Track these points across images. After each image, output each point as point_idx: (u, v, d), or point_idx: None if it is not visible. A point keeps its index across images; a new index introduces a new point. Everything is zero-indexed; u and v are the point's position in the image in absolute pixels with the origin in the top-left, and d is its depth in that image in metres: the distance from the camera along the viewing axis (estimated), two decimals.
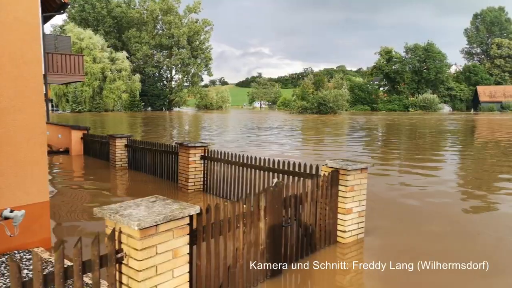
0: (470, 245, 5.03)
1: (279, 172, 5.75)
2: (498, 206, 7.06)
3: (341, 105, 59.84)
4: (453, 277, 3.98)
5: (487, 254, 4.60)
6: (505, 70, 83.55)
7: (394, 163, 12.49)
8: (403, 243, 5.00)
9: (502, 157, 14.19)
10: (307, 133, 25.60)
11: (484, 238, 5.31)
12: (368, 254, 4.61)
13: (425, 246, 4.89)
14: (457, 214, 6.41)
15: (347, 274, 4.15)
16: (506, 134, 24.98)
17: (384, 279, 3.97)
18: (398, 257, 4.42)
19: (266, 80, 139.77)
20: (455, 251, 4.74)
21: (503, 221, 6.05)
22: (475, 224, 5.91)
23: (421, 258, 4.32)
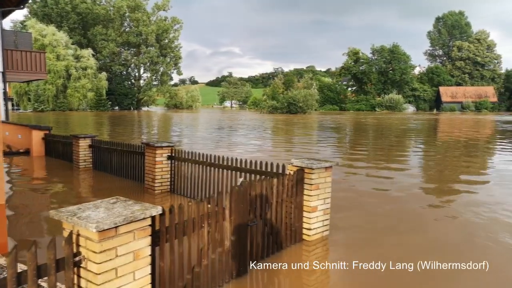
0: (432, 241, 5.23)
1: (246, 172, 5.76)
2: (457, 201, 7.40)
3: (311, 105, 60.73)
4: (419, 276, 4.08)
5: (449, 249, 4.81)
6: (465, 72, 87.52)
7: (361, 161, 12.80)
8: (367, 240, 5.10)
9: (462, 155, 14.86)
10: (277, 133, 25.80)
11: (444, 233, 5.54)
12: (333, 251, 4.71)
13: (387, 243, 5.04)
14: (421, 212, 6.56)
15: (312, 271, 4.21)
16: (466, 132, 26.16)
17: (348, 276, 4.05)
18: (363, 254, 4.52)
19: (236, 79, 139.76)
20: (420, 248, 4.89)
21: (463, 216, 6.33)
22: (439, 221, 6.05)
23: (385, 255, 4.45)
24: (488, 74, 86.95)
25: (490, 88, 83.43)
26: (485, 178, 10.08)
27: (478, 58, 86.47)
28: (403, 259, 4.27)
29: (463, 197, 7.84)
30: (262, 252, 4.20)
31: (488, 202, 7.12)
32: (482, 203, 7.04)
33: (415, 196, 7.76)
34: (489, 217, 6.15)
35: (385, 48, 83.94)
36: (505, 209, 6.54)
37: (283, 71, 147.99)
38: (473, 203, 7.10)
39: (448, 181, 9.57)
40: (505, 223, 5.82)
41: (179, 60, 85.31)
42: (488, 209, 6.60)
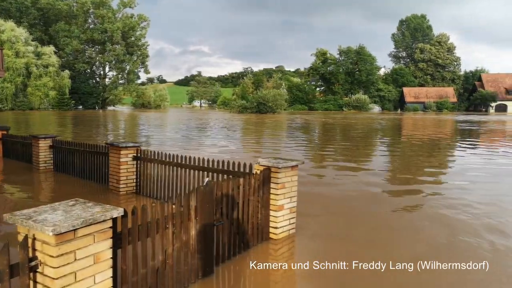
0: (397, 238, 5.40)
1: (213, 172, 5.73)
2: (420, 198, 7.69)
3: (280, 105, 61.24)
4: (386, 275, 4.19)
5: (412, 247, 4.99)
6: (427, 73, 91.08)
7: (328, 160, 13.05)
8: (334, 238, 5.19)
9: (424, 153, 15.46)
10: (246, 133, 25.84)
11: (412, 232, 5.74)
12: (300, 250, 4.76)
13: (354, 241, 5.14)
14: (387, 211, 6.62)
15: (279, 270, 4.25)
16: (428, 131, 27.23)
17: (315, 274, 4.10)
18: (329, 253, 4.61)
19: (206, 79, 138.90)
20: (387, 246, 5.03)
21: (424, 212, 6.58)
22: (405, 221, 6.17)
23: (352, 253, 4.54)
24: (448, 75, 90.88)
25: (450, 89, 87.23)
26: (446, 173, 10.53)
27: (439, 60, 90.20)
28: (369, 257, 4.37)
29: (425, 193, 8.15)
30: (229, 252, 4.19)
31: (449, 198, 7.45)
32: (443, 199, 7.36)
33: (381, 194, 7.94)
34: (445, 211, 6.44)
35: (352, 49, 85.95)
36: (455, 202, 6.87)
37: (252, 70, 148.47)
38: (434, 199, 7.41)
39: (411, 178, 9.92)
40: (454, 214, 6.11)
41: (146, 59, 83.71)
42: (447, 203, 6.91)
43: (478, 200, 7.11)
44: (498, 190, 8.22)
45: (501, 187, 8.64)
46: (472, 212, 6.32)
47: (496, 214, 6.20)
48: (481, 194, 7.78)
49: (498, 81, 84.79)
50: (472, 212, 6.35)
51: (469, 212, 6.35)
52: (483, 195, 7.63)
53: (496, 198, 7.33)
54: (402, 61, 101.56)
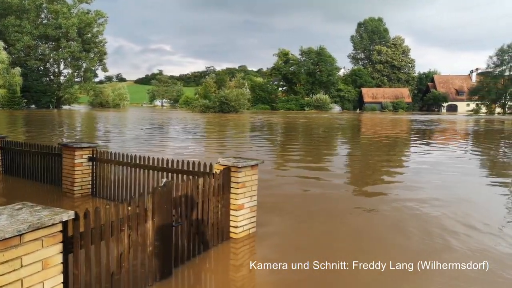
0: (358, 236, 5.57)
1: (173, 172, 5.64)
2: (379, 195, 7.98)
3: (243, 104, 61.34)
4: (347, 274, 4.29)
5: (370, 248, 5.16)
6: (384, 74, 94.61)
7: (290, 159, 13.22)
8: (294, 237, 5.24)
9: (383, 151, 16.05)
10: (209, 132, 25.65)
11: (367, 226, 5.93)
12: (260, 248, 4.78)
13: (314, 241, 5.22)
14: (348, 209, 6.72)
15: (239, 269, 4.26)
16: (385, 130, 28.31)
17: (275, 273, 4.13)
18: (289, 252, 4.66)
19: (167, 77, 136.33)
20: (347, 244, 5.16)
21: (384, 210, 6.83)
22: (365, 220, 6.26)
23: (312, 252, 4.62)
24: (403, 76, 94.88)
25: (405, 89, 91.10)
26: (403, 171, 10.99)
27: (395, 62, 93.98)
28: (330, 256, 4.47)
29: (385, 191, 8.47)
30: (188, 253, 4.15)
31: (406, 195, 7.78)
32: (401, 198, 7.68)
33: (342, 193, 8.12)
34: (406, 209, 6.73)
35: (313, 50, 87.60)
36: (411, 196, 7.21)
37: (215, 70, 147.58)
38: (392, 196, 7.71)
39: (370, 176, 10.27)
40: (410, 211, 6.40)
41: (104, 56, 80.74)
42: (403, 200, 7.22)
43: (433, 197, 7.48)
44: (449, 185, 8.69)
45: (450, 179, 9.16)
46: (434, 208, 6.65)
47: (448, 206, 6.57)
48: (433, 190, 8.19)
49: (449, 82, 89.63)
50: (434, 207, 6.68)
51: (431, 207, 6.67)
52: (436, 191, 8.05)
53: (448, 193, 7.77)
54: (361, 62, 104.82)
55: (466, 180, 9.38)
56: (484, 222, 5.83)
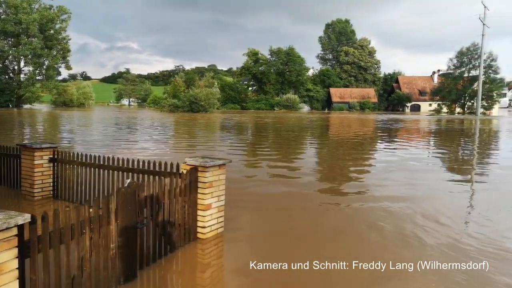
0: (325, 235, 5.66)
1: (138, 172, 5.53)
2: (346, 193, 8.15)
3: (213, 104, 61.03)
4: (315, 274, 4.34)
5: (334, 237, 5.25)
6: (351, 74, 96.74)
7: (259, 159, 13.28)
8: (263, 237, 5.25)
9: (351, 150, 16.41)
10: (178, 132, 25.32)
11: (338, 226, 6.04)
12: (228, 248, 4.77)
13: (282, 240, 5.24)
14: (314, 207, 6.79)
15: (206, 270, 4.23)
16: (352, 129, 28.98)
17: (243, 273, 4.13)
18: (258, 251, 4.67)
19: (135, 76, 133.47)
20: (313, 243, 5.23)
21: (351, 207, 6.98)
22: (333, 218, 6.32)
23: (280, 252, 4.65)
24: (370, 77, 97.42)
25: (371, 90, 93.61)
26: (369, 170, 11.29)
27: (362, 63, 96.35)
28: (298, 256, 4.51)
29: (352, 189, 8.67)
30: (154, 254, 4.08)
31: (372, 192, 8.00)
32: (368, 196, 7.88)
33: (310, 191, 8.14)
34: (370, 206, 6.91)
35: (282, 50, 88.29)
36: (380, 194, 7.43)
37: (184, 69, 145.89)
38: (360, 196, 7.90)
39: (338, 174, 10.48)
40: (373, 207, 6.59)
41: (68, 54, 77.77)
42: (371, 198, 7.42)
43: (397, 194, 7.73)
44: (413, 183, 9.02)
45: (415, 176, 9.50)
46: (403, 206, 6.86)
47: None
48: (398, 186, 8.47)
49: (413, 83, 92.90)
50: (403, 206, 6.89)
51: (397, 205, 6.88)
52: (401, 188, 8.32)
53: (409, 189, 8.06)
54: (329, 63, 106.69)
55: (429, 178, 9.74)
56: (448, 216, 6.09)
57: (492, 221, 5.91)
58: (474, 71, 66.68)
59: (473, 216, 6.40)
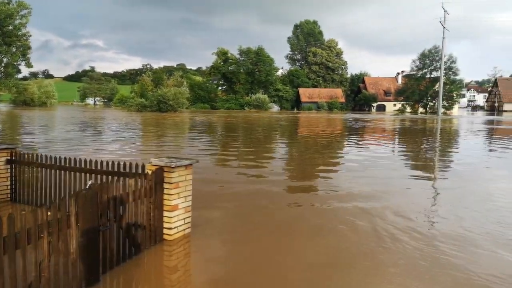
0: (292, 235, 5.70)
1: (102, 174, 5.36)
2: (315, 191, 8.26)
3: (181, 103, 60.30)
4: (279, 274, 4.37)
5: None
6: (319, 75, 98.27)
7: (228, 159, 13.23)
8: (230, 237, 5.22)
9: (319, 149, 16.66)
10: (145, 132, 24.82)
11: (304, 224, 6.11)
12: (195, 249, 4.72)
13: (249, 240, 5.23)
14: (284, 207, 6.80)
15: (173, 272, 4.16)
16: (321, 129, 29.44)
17: (210, 274, 4.10)
18: (225, 251, 4.65)
19: (100, 75, 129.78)
20: (283, 244, 5.27)
21: (316, 202, 7.09)
22: (300, 217, 6.38)
23: (247, 252, 4.66)
24: (337, 78, 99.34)
25: (339, 90, 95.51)
26: (337, 169, 11.51)
27: (329, 64, 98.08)
28: (266, 256, 4.53)
29: (320, 188, 8.80)
30: (118, 257, 3.97)
31: (339, 191, 8.16)
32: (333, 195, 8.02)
33: (279, 189, 8.19)
34: (336, 205, 7.05)
35: (251, 50, 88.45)
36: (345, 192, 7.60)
37: (152, 68, 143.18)
38: (325, 193, 8.03)
39: (306, 173, 10.61)
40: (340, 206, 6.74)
41: (28, 51, 74.37)
42: (337, 196, 7.56)
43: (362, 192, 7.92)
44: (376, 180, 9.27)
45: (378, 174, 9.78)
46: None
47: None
48: (365, 183, 8.69)
49: (378, 84, 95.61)
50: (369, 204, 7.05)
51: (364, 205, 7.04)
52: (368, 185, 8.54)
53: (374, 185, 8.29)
54: (298, 63, 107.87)
55: (394, 175, 10.05)
56: (414, 211, 6.31)
57: (456, 215, 6.19)
58: (435, 73, 69.63)
59: (437, 211, 6.66)
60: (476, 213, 6.38)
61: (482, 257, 4.52)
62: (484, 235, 5.29)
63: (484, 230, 5.47)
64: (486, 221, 5.90)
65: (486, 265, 4.28)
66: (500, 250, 4.74)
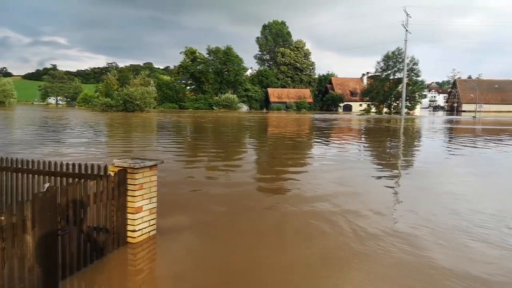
0: (261, 236, 5.72)
1: (62, 176, 5.16)
2: (283, 189, 8.33)
3: (149, 103, 59.17)
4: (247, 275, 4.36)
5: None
6: (288, 75, 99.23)
7: (196, 158, 13.11)
8: (196, 238, 5.17)
9: (286, 149, 16.82)
10: (111, 133, 24.16)
11: (268, 219, 6.14)
12: (160, 252, 4.64)
13: (217, 241, 5.20)
14: (252, 207, 6.83)
15: (137, 275, 4.08)
16: (289, 129, 29.74)
17: (176, 276, 4.04)
18: (190, 254, 4.60)
19: (63, 73, 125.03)
20: (249, 242, 5.28)
21: (285, 200, 7.14)
22: (272, 219, 6.28)
23: (214, 254, 4.63)
24: (305, 78, 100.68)
25: (307, 90, 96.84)
26: (304, 169, 11.65)
27: (298, 64, 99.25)
28: (231, 256, 4.51)
29: (290, 188, 8.87)
30: (79, 262, 3.84)
31: (307, 189, 8.26)
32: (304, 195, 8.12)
33: (247, 190, 8.20)
34: (308, 207, 7.14)
35: (220, 49, 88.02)
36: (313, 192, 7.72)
37: (118, 66, 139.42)
38: (295, 194, 8.11)
39: (276, 173, 10.68)
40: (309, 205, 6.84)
41: None
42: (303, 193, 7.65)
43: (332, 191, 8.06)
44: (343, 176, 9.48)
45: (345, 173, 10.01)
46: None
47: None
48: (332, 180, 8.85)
49: (345, 84, 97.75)
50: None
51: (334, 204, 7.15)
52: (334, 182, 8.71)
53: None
54: (267, 63, 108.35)
55: (361, 174, 10.29)
56: (379, 208, 6.50)
57: (417, 212, 6.43)
58: (398, 74, 71.98)
59: (400, 208, 6.89)
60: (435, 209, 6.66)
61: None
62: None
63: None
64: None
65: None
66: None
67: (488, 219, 6.01)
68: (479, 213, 6.34)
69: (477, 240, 5.11)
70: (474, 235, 5.29)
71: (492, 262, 4.40)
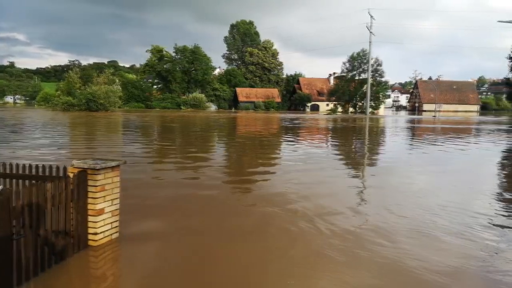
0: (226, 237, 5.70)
1: (17, 178, 4.95)
2: (255, 192, 8.35)
3: (113, 102, 57.67)
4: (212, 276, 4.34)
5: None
6: (256, 75, 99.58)
7: (162, 159, 12.90)
8: (160, 239, 5.08)
9: (255, 149, 16.88)
10: (72, 133, 23.33)
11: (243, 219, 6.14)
12: (123, 255, 4.53)
13: (182, 242, 5.14)
14: (219, 208, 6.76)
15: (98, 279, 3.97)
16: (258, 128, 29.87)
17: (139, 279, 3.97)
18: (154, 256, 4.54)
19: (21, 71, 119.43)
20: (214, 248, 5.24)
21: (254, 198, 7.16)
22: (237, 218, 6.35)
23: (178, 257, 4.61)
24: (273, 78, 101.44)
25: (275, 90, 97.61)
26: (273, 170, 11.74)
27: (266, 64, 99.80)
28: (195, 260, 4.48)
29: (259, 186, 8.91)
30: (36, 267, 3.69)
31: (279, 188, 8.32)
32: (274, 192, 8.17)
33: (215, 192, 8.07)
34: (285, 207, 7.19)
35: (187, 48, 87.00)
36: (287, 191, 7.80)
37: (80, 64, 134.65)
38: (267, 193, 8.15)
39: (245, 173, 10.69)
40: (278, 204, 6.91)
41: None
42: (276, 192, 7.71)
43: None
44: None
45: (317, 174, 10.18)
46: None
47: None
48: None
49: (312, 84, 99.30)
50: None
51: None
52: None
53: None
54: (235, 63, 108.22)
55: (328, 174, 10.50)
56: (346, 207, 6.65)
57: (390, 210, 6.64)
58: (363, 75, 74.05)
59: (370, 206, 7.09)
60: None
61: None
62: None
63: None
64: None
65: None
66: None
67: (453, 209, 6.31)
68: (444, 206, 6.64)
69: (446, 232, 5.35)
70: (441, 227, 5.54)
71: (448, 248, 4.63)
